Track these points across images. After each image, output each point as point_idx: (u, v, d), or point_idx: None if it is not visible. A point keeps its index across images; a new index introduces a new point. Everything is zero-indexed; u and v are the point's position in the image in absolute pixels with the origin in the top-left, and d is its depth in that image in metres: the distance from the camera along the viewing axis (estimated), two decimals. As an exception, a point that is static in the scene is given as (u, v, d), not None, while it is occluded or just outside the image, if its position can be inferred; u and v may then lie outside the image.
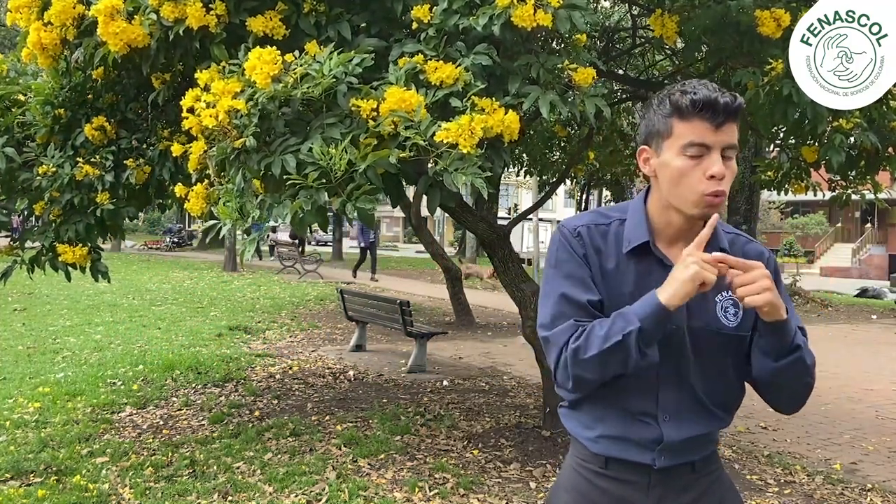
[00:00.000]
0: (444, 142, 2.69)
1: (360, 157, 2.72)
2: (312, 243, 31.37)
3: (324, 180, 2.73)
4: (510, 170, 8.67)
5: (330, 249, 27.62)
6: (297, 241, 20.52)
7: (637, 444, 1.56)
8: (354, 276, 18.16)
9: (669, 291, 1.41)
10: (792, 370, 1.50)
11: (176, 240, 33.72)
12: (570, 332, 1.49)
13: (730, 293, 1.51)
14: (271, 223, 2.91)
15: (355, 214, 2.67)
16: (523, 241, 33.02)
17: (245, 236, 3.00)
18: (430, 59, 3.10)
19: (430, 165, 2.85)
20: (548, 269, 1.61)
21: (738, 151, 1.50)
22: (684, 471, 1.59)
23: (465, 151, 2.65)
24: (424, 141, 2.70)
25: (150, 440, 5.07)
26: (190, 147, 3.23)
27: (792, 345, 1.48)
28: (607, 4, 9.87)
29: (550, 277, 1.59)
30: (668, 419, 1.54)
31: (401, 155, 2.72)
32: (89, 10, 3.56)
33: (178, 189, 3.68)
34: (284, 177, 2.80)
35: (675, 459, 1.56)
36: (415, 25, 3.37)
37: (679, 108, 1.46)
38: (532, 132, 6.85)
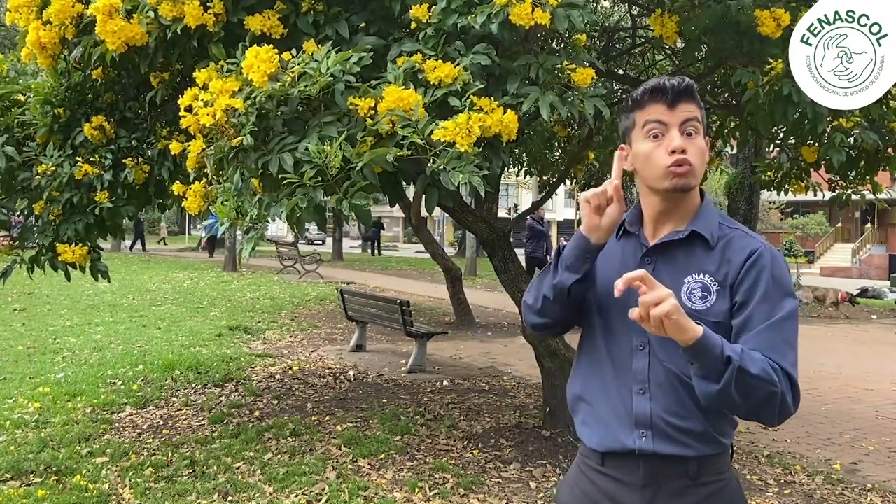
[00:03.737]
0: (442, 140, 2.69)
1: (355, 154, 2.72)
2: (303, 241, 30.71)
3: (320, 178, 2.73)
4: (510, 170, 8.66)
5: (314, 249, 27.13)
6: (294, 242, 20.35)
7: (619, 424, 1.61)
8: None
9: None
10: (740, 386, 1.44)
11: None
12: None
13: (699, 276, 1.59)
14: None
15: (351, 212, 2.67)
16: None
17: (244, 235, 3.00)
18: (429, 59, 3.10)
19: (428, 164, 2.84)
20: None
21: (702, 126, 1.63)
22: (678, 472, 1.59)
23: (462, 150, 2.65)
24: (422, 140, 2.70)
25: (150, 440, 5.07)
26: (188, 146, 3.22)
27: (722, 357, 1.43)
28: (607, 4, 9.87)
29: None
30: (644, 391, 1.61)
31: (398, 153, 2.72)
32: (88, 8, 3.56)
33: (176, 187, 3.68)
34: (281, 175, 2.80)
35: (660, 444, 1.58)
36: (413, 25, 3.37)
37: (636, 100, 1.66)
38: (532, 132, 6.84)
